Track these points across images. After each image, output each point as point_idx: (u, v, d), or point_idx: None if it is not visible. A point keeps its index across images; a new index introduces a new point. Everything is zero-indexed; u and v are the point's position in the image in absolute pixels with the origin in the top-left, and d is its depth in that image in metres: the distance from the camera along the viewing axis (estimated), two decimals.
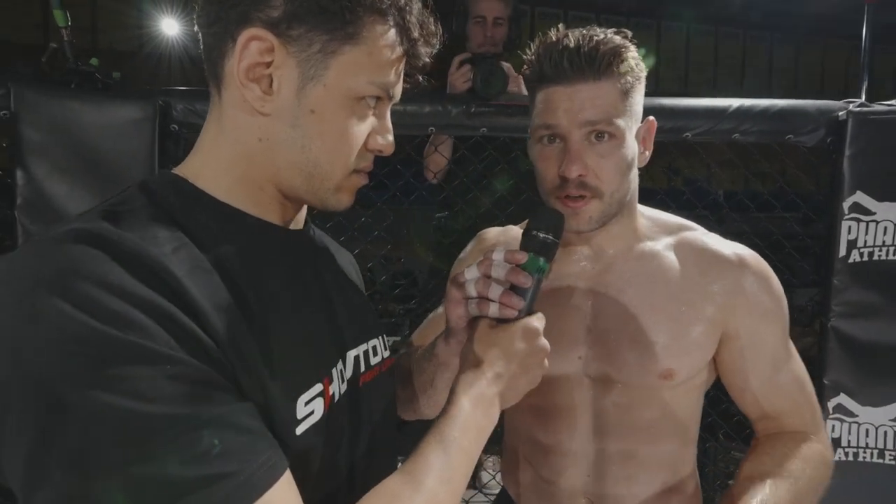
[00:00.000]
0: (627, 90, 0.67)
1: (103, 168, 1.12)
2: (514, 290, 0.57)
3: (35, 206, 1.10)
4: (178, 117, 1.18)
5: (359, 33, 0.46)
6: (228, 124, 0.49)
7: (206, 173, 0.49)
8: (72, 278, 0.35)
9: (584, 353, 0.73)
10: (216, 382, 0.38)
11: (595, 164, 0.67)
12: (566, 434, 0.74)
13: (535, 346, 0.56)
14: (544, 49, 0.67)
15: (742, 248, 0.74)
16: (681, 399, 0.73)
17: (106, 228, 0.39)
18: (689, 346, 0.70)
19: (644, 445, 0.73)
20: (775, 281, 0.73)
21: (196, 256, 0.42)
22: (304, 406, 0.45)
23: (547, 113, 0.67)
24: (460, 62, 1.34)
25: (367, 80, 0.48)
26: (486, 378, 0.53)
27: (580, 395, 0.74)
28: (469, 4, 1.58)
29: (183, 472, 0.34)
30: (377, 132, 0.51)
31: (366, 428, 0.54)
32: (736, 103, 1.26)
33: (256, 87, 0.46)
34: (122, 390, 0.34)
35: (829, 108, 1.25)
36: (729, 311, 0.71)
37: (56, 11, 1.08)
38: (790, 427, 0.74)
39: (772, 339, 0.73)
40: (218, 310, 0.40)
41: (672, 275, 0.72)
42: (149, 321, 0.36)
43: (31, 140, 1.09)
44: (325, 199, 0.51)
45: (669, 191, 1.50)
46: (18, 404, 0.34)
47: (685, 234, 0.76)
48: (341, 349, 0.53)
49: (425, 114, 1.24)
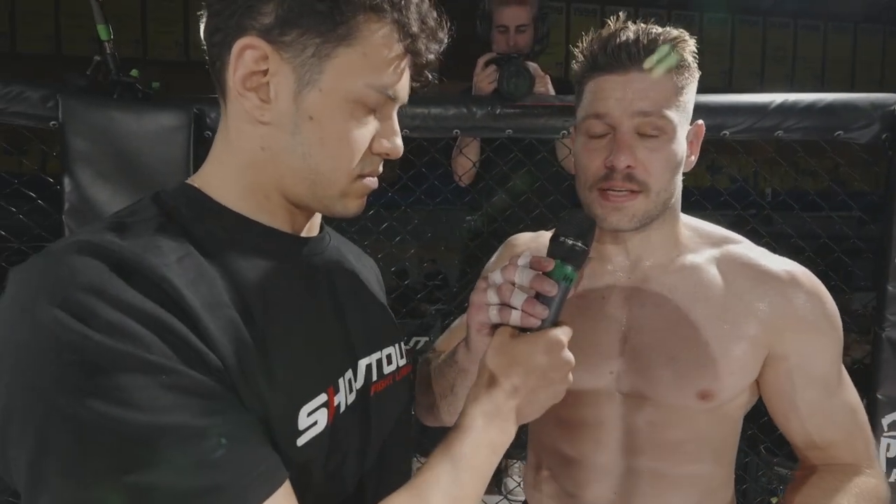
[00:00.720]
0: (683, 86, 0.65)
1: (142, 173, 1.18)
2: (538, 299, 0.54)
3: (80, 211, 1.16)
4: (212, 124, 1.23)
5: (352, 34, 0.45)
6: (233, 134, 0.49)
7: (216, 182, 0.49)
8: (70, 288, 0.36)
9: (616, 367, 0.70)
10: (213, 392, 0.38)
11: (645, 157, 0.63)
12: (593, 448, 0.71)
13: (558, 359, 0.53)
14: (600, 40, 0.65)
15: (792, 264, 0.69)
16: (719, 420, 0.69)
17: (108, 240, 0.40)
18: (730, 366, 0.66)
19: (676, 465, 0.69)
20: (829, 300, 0.68)
21: (201, 266, 0.43)
22: (306, 417, 0.44)
23: (598, 102, 0.64)
24: (485, 63, 1.32)
25: (364, 82, 0.46)
26: (502, 391, 0.51)
27: (610, 411, 0.70)
28: (492, 11, 1.56)
29: (176, 483, 0.34)
30: (382, 135, 0.50)
31: (376, 438, 0.54)
32: (779, 98, 1.19)
33: (254, 96, 0.46)
34: (116, 399, 0.34)
35: (883, 101, 1.16)
36: (776, 332, 0.66)
37: (99, 26, 1.14)
38: (841, 459, 0.68)
39: (823, 363, 0.67)
40: (218, 319, 0.41)
41: (715, 290, 0.68)
42: (144, 331, 0.36)
43: (76, 148, 1.15)
44: (331, 206, 0.50)
45: (707, 191, 1.43)
46: (20, 411, 0.35)
47: (730, 247, 0.71)
48: (351, 358, 0.53)
49: (450, 116, 1.23)
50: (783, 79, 4.90)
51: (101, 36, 1.14)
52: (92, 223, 0.45)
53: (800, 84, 4.86)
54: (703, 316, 0.67)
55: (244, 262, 0.46)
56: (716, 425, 0.69)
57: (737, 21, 4.77)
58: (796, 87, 4.82)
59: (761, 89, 4.77)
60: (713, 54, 4.70)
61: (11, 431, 0.35)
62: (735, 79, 4.82)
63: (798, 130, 1.20)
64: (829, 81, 4.89)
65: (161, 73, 1.29)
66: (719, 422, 0.69)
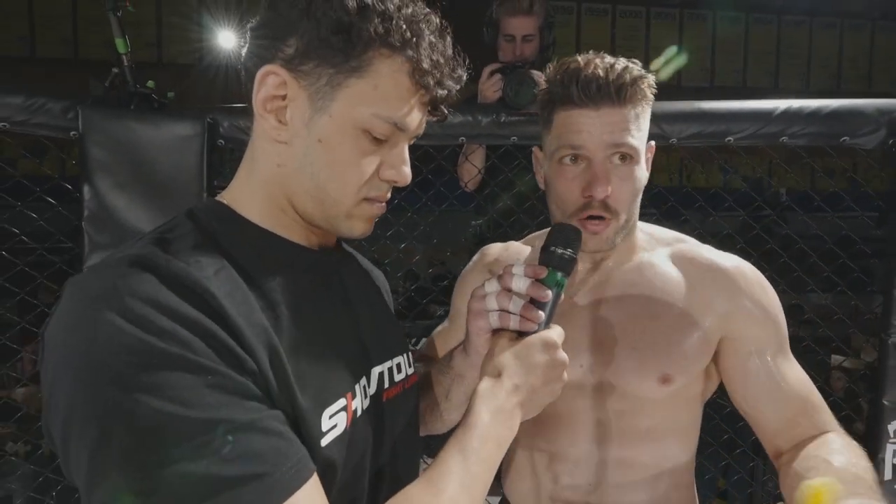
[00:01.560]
0: (642, 115, 0.71)
1: (158, 181, 1.22)
2: (533, 304, 0.59)
3: (99, 218, 1.21)
4: (225, 133, 1.27)
5: (364, 67, 0.49)
6: (257, 152, 0.53)
7: (241, 198, 0.53)
8: (127, 298, 0.40)
9: (585, 361, 0.76)
10: (251, 392, 0.42)
11: (617, 185, 0.70)
12: (568, 441, 0.76)
13: (554, 358, 0.57)
14: (570, 74, 0.70)
15: (738, 259, 0.77)
16: (680, 407, 0.76)
17: (156, 254, 0.44)
18: (686, 351, 0.73)
19: (644, 452, 0.75)
20: (771, 290, 0.76)
21: (234, 278, 0.46)
22: (328, 419, 0.48)
23: (572, 134, 0.70)
24: (491, 72, 1.34)
25: (371, 112, 0.50)
26: (505, 390, 0.54)
27: (582, 403, 0.76)
28: (499, 20, 1.58)
29: (219, 471, 0.38)
30: (390, 163, 0.53)
31: (388, 441, 0.57)
32: (783, 105, 1.19)
33: (272, 118, 0.50)
34: (168, 397, 0.38)
35: (889, 107, 1.16)
36: (727, 319, 0.74)
37: (118, 40, 1.18)
38: (808, 434, 0.71)
39: (770, 346, 0.74)
40: (253, 327, 0.44)
41: (670, 284, 0.76)
42: (192, 336, 0.40)
43: (95, 157, 1.20)
44: (337, 226, 0.54)
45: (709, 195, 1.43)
46: (82, 408, 0.39)
47: (680, 245, 0.80)
48: (366, 366, 0.56)
49: (456, 124, 1.25)
50: (798, 77, 4.83)
51: (118, 49, 1.19)
52: (135, 239, 0.49)
53: (815, 82, 4.78)
54: (660, 308, 0.74)
55: (270, 274, 0.49)
56: (678, 412, 0.75)
57: (750, 20, 4.71)
58: (811, 85, 4.75)
59: (776, 88, 4.71)
60: (726, 53, 4.64)
61: (74, 426, 0.39)
62: (749, 77, 4.76)
63: (803, 136, 1.20)
64: (846, 80, 4.81)
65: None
66: (681, 408, 0.76)
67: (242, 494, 0.38)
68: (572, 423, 0.76)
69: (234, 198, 0.53)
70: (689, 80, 4.59)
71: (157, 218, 1.21)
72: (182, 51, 4.03)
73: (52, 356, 0.41)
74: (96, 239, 1.22)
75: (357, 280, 0.63)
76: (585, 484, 0.76)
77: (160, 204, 1.22)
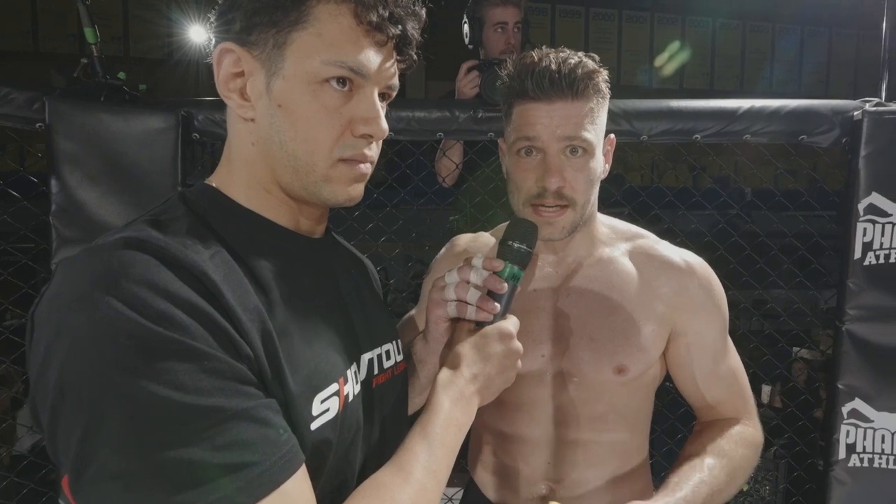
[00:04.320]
0: (598, 110, 0.73)
1: (130, 175, 1.19)
2: (490, 296, 0.61)
3: (68, 212, 1.18)
4: (200, 126, 1.25)
5: (304, 18, 0.47)
6: (231, 134, 0.53)
7: (228, 181, 0.53)
8: (124, 280, 0.39)
9: (546, 351, 0.79)
10: (246, 378, 0.41)
11: (571, 176, 0.72)
12: (528, 425, 0.80)
13: (509, 347, 0.60)
14: (525, 68, 0.72)
15: (689, 255, 0.81)
16: (633, 393, 0.80)
17: (153, 236, 0.43)
18: (640, 344, 0.77)
19: (599, 435, 0.79)
20: (717, 285, 0.81)
21: (228, 262, 0.46)
22: (319, 404, 0.48)
23: (527, 126, 0.72)
24: (468, 69, 1.36)
25: (320, 60, 0.47)
26: (464, 378, 0.57)
27: (542, 390, 0.79)
28: (485, 12, 1.59)
29: (211, 458, 0.38)
30: (361, 117, 0.50)
31: (377, 426, 0.58)
32: (746, 104, 1.25)
33: (236, 96, 0.50)
34: (165, 381, 0.37)
35: (843, 107, 1.23)
36: (676, 312, 0.78)
37: (87, 30, 1.15)
38: (726, 414, 0.81)
39: (713, 336, 0.79)
40: (248, 312, 0.44)
41: (627, 279, 0.79)
42: (190, 321, 0.40)
43: (63, 150, 1.16)
44: (318, 193, 0.51)
45: (650, 191, 1.48)
46: (74, 390, 0.38)
47: (639, 241, 0.83)
48: (356, 352, 0.57)
49: (434, 119, 1.27)
50: (762, 79, 5.01)
51: (88, 39, 1.16)
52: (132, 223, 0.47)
53: (777, 85, 4.98)
54: (617, 301, 0.78)
55: (263, 259, 0.49)
56: (631, 397, 0.79)
57: (717, 25, 4.88)
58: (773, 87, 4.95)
59: (741, 90, 4.89)
60: (695, 55, 4.79)
61: (64, 410, 0.38)
62: (716, 80, 4.92)
63: (765, 134, 1.26)
64: (805, 84, 5.02)
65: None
66: (633, 394, 0.80)
67: (231, 483, 0.37)
68: (533, 409, 0.79)
69: (222, 181, 0.53)
70: (659, 81, 4.72)
71: (129, 212, 1.18)
72: (150, 45, 3.92)
73: (44, 336, 0.40)
74: (65, 234, 1.19)
75: (346, 267, 0.62)
76: (545, 464, 0.80)
77: (132, 198, 1.19)
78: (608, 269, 0.80)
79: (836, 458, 1.24)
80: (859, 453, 1.23)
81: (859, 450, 1.23)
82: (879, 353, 1.21)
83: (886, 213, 1.19)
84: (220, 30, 0.49)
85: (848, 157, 1.23)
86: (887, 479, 1.22)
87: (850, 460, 1.23)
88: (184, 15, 3.86)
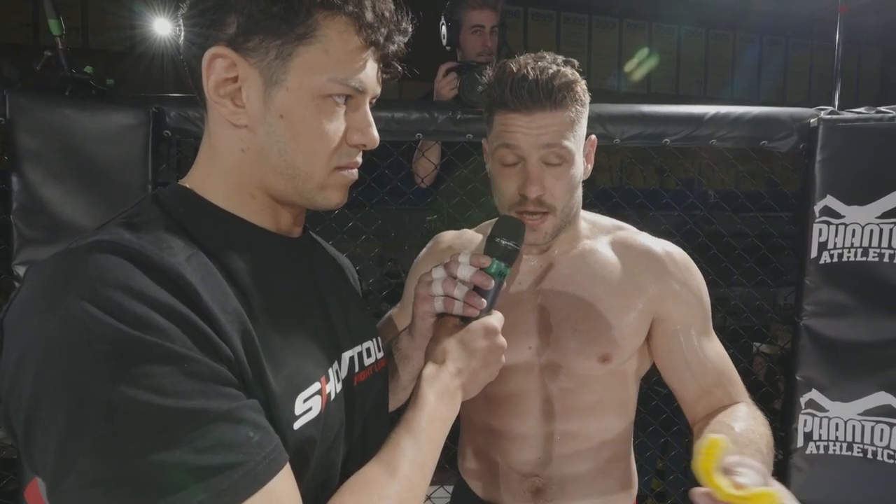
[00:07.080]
0: (577, 118, 0.75)
1: (97, 173, 1.15)
2: (477, 291, 0.62)
3: (30, 211, 1.13)
4: (172, 123, 1.21)
5: (310, 32, 0.48)
6: (215, 139, 0.52)
7: (206, 184, 0.52)
8: (98, 284, 0.38)
9: (533, 343, 0.80)
10: (227, 380, 0.41)
11: (551, 184, 0.74)
12: (518, 419, 0.81)
13: (494, 343, 0.61)
14: (504, 78, 0.73)
15: (669, 245, 0.83)
16: (619, 383, 0.82)
17: (127, 239, 0.43)
18: (623, 332, 0.78)
19: (587, 425, 0.81)
20: (697, 272, 0.83)
21: (206, 264, 0.45)
22: (302, 403, 0.48)
23: (507, 135, 0.74)
24: (447, 70, 1.37)
25: (327, 77, 0.49)
26: (449, 372, 0.58)
27: (530, 383, 0.81)
28: (462, 15, 1.60)
29: (195, 461, 0.37)
30: (356, 127, 0.52)
31: (359, 424, 0.58)
32: (712, 110, 1.30)
33: (229, 102, 0.49)
34: (144, 385, 0.37)
35: (801, 115, 1.30)
36: (659, 300, 0.80)
37: (51, 21, 1.11)
38: (722, 402, 0.78)
39: (697, 322, 0.81)
40: (227, 314, 0.44)
41: (609, 269, 0.81)
42: (168, 324, 0.39)
43: (26, 146, 1.11)
44: (313, 199, 0.53)
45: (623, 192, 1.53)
46: (50, 398, 0.37)
47: (620, 233, 0.85)
48: (337, 350, 0.57)
49: (413, 120, 1.27)
50: (724, 86, 5.22)
51: (52, 31, 1.11)
52: (104, 225, 0.46)
53: (737, 92, 5.19)
54: (600, 292, 0.79)
55: (241, 261, 0.49)
56: (616, 387, 0.81)
57: (682, 32, 5.05)
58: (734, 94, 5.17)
59: (704, 95, 5.09)
60: (662, 61, 4.95)
61: (40, 418, 0.37)
62: (681, 85, 5.10)
63: (730, 139, 1.32)
64: (764, 90, 5.26)
65: None
66: (619, 384, 0.81)
67: (216, 484, 0.37)
68: (522, 402, 0.81)
69: (199, 183, 0.52)
70: (629, 85, 4.86)
71: (96, 212, 1.14)
72: (112, 37, 3.77)
73: (16, 344, 0.39)
74: (26, 234, 1.14)
75: (325, 266, 0.63)
76: (534, 458, 0.81)
77: (99, 197, 1.14)
78: (590, 259, 0.82)
79: (794, 447, 1.31)
80: (816, 441, 1.30)
81: (815, 438, 1.30)
82: (834, 347, 1.28)
83: (839, 214, 1.27)
84: (208, 30, 0.48)
85: (805, 161, 1.30)
86: (841, 464, 1.30)
87: (807, 448, 1.31)
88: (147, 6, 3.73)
